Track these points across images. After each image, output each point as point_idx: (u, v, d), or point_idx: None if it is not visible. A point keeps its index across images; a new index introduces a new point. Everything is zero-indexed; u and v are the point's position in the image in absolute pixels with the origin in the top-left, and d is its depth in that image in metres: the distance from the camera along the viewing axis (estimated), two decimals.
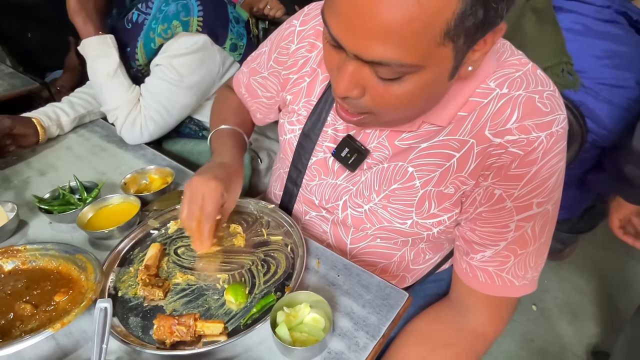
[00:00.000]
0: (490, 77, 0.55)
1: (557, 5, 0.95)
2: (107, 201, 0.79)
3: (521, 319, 1.54)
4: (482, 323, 0.63)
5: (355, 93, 0.48)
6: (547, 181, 0.53)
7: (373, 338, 0.57)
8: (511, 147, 0.52)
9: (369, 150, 0.64)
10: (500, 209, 0.55)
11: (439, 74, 0.45)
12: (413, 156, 0.60)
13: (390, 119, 0.55)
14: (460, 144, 0.56)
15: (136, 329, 0.58)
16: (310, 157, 0.72)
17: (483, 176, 0.56)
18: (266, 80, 0.79)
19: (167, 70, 0.97)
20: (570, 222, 1.37)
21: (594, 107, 0.91)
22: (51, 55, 1.79)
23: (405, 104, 0.48)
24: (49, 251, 0.68)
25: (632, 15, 0.91)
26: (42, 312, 0.60)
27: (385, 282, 0.65)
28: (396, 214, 0.63)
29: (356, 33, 0.41)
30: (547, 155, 0.52)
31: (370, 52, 0.42)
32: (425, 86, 0.46)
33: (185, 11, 0.94)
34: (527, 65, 0.56)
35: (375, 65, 0.44)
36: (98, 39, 0.95)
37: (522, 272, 0.58)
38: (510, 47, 0.58)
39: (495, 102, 0.54)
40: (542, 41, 0.92)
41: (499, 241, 0.57)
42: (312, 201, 0.74)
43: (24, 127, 0.94)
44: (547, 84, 0.55)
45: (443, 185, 0.59)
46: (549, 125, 0.52)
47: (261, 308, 0.59)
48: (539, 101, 0.52)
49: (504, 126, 0.53)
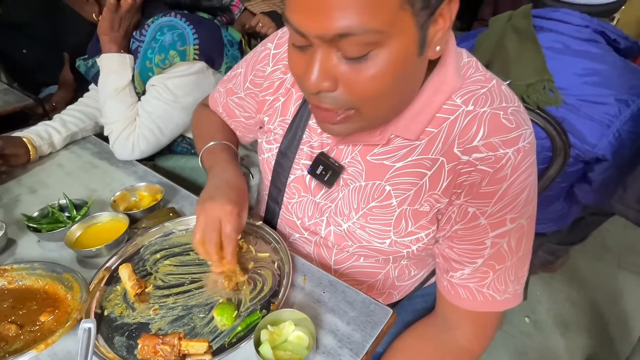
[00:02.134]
0: (456, 93, 0.55)
1: (538, 24, 0.98)
2: (96, 219, 0.80)
3: (514, 331, 1.54)
4: (467, 339, 0.63)
5: (327, 85, 0.46)
6: (518, 197, 0.54)
7: (356, 355, 0.57)
8: (480, 165, 0.53)
9: (343, 166, 0.65)
10: (474, 226, 0.56)
11: (405, 46, 0.44)
12: (390, 175, 0.61)
13: (374, 112, 0.51)
14: (431, 162, 0.57)
15: (121, 349, 0.58)
16: (289, 175, 0.72)
17: (455, 194, 0.57)
18: (243, 100, 0.80)
19: (162, 90, 0.99)
20: (560, 233, 1.38)
21: (575, 123, 0.93)
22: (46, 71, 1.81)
23: (382, 87, 0.46)
24: (36, 270, 0.68)
25: (609, 35, 0.93)
26: (27, 332, 0.60)
27: (370, 298, 0.65)
28: (374, 234, 0.64)
29: (316, 12, 0.42)
30: (516, 171, 0.53)
31: (332, 25, 0.41)
32: (395, 62, 0.45)
33: (182, 40, 0.96)
34: (492, 82, 0.56)
35: (341, 44, 0.43)
36: (119, 56, 0.99)
37: (502, 286, 0.59)
38: (475, 64, 0.59)
39: (462, 119, 0.55)
40: (523, 59, 0.94)
41: (476, 258, 0.58)
42: (294, 222, 0.75)
43: (15, 147, 0.95)
44: (511, 99, 0.56)
45: (418, 203, 0.60)
46: (516, 141, 0.53)
47: (246, 326, 0.60)
48: (503, 117, 0.53)
49: (471, 143, 0.54)
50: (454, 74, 0.54)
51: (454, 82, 0.55)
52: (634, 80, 0.91)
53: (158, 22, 0.98)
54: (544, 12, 0.98)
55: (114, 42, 0.99)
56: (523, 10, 0.99)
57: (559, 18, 0.96)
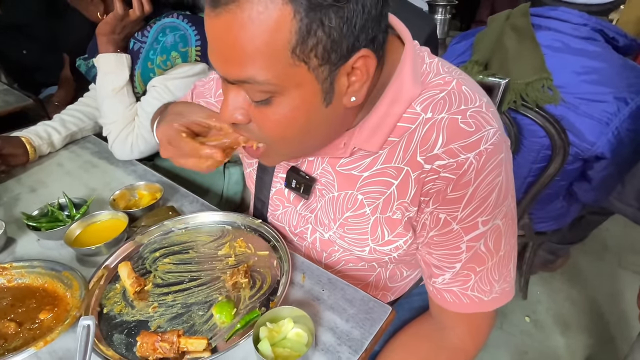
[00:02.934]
0: (416, 100, 0.54)
1: (536, 23, 0.98)
2: (96, 217, 0.80)
3: (514, 331, 1.54)
4: (460, 339, 0.63)
5: (239, 117, 0.50)
6: (487, 199, 0.53)
7: (355, 353, 0.57)
8: (443, 172, 0.53)
9: (314, 178, 0.65)
10: (448, 232, 0.56)
11: (307, 97, 0.46)
12: (360, 184, 0.61)
13: (287, 149, 0.56)
14: (396, 171, 0.57)
15: (120, 346, 0.58)
16: (270, 188, 0.74)
17: (424, 202, 0.56)
18: (211, 106, 0.78)
19: (163, 91, 0.99)
20: (560, 233, 1.38)
21: (574, 121, 0.93)
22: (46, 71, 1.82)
23: (287, 131, 0.50)
24: (35, 269, 0.68)
25: (608, 33, 0.93)
26: (27, 330, 0.60)
27: (369, 296, 0.65)
28: (353, 243, 0.65)
29: (218, 58, 0.46)
30: (481, 174, 0.52)
31: (230, 73, 0.46)
32: (297, 110, 0.47)
33: (183, 42, 0.96)
34: (452, 84, 0.55)
35: (244, 87, 0.47)
36: (115, 56, 0.99)
37: (487, 287, 0.59)
38: (436, 67, 0.57)
39: (421, 128, 0.54)
40: (522, 58, 0.94)
41: (454, 263, 0.58)
42: (283, 228, 0.76)
43: (13, 147, 0.95)
44: (472, 99, 0.54)
45: (390, 210, 0.59)
46: (476, 145, 0.51)
47: (245, 324, 0.60)
48: (461, 122, 0.52)
49: (432, 151, 0.53)
50: (411, 82, 0.53)
51: (412, 91, 0.54)
52: (633, 78, 0.91)
53: (160, 23, 0.98)
54: (542, 11, 0.99)
55: (111, 43, 1.00)
56: (521, 9, 0.99)
57: (557, 16, 0.96)
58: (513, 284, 0.62)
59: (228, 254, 0.73)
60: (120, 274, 0.67)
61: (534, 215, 1.28)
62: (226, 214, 0.81)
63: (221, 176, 1.14)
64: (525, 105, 0.97)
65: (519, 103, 0.97)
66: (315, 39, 0.42)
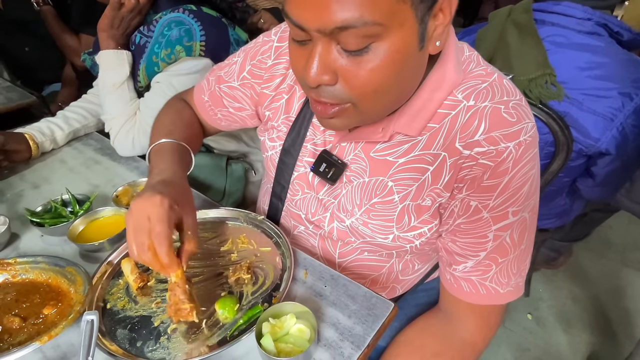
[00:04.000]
0: (457, 88, 0.56)
1: (539, 18, 0.97)
2: (99, 214, 0.80)
3: (517, 328, 1.53)
4: (470, 332, 0.63)
5: (327, 78, 0.47)
6: (520, 189, 0.54)
7: (358, 348, 0.57)
8: (481, 159, 0.53)
9: (346, 163, 0.65)
10: (477, 220, 0.56)
11: (405, 39, 0.44)
12: (393, 171, 0.61)
13: (371, 107, 0.51)
14: (433, 157, 0.57)
15: (123, 342, 0.58)
16: (293, 172, 0.72)
17: (457, 188, 0.57)
18: (235, 90, 0.76)
19: (167, 88, 0.99)
20: (563, 230, 1.38)
21: (578, 117, 0.92)
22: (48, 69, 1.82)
23: (382, 81, 0.46)
24: (39, 264, 0.68)
25: (612, 27, 0.93)
26: (31, 325, 0.60)
27: (371, 292, 0.65)
28: (377, 230, 0.64)
29: (314, 6, 0.42)
30: (518, 164, 0.53)
31: (331, 18, 0.42)
32: (395, 54, 0.45)
33: (188, 36, 0.96)
34: (493, 76, 0.56)
35: (341, 36, 0.43)
36: (115, 53, 1.00)
37: (505, 279, 0.59)
38: (477, 58, 0.59)
39: (463, 114, 0.55)
40: (525, 54, 0.94)
41: (479, 251, 0.58)
42: (299, 215, 0.75)
43: (16, 143, 0.95)
44: (513, 93, 0.56)
45: (420, 198, 0.60)
46: (517, 135, 0.53)
47: (248, 319, 0.60)
48: (504, 111, 0.53)
49: (473, 138, 0.54)
50: (454, 69, 0.54)
51: (455, 78, 0.55)
52: (638, 73, 0.90)
53: (166, 18, 0.98)
54: (545, 6, 0.98)
55: (112, 39, 1.00)
56: (523, 5, 0.98)
57: (560, 11, 0.95)
58: (524, 280, 0.62)
59: (230, 250, 0.73)
60: (124, 270, 0.67)
61: None
62: (228, 210, 0.81)
63: (223, 172, 1.14)
64: (528, 102, 0.96)
65: None
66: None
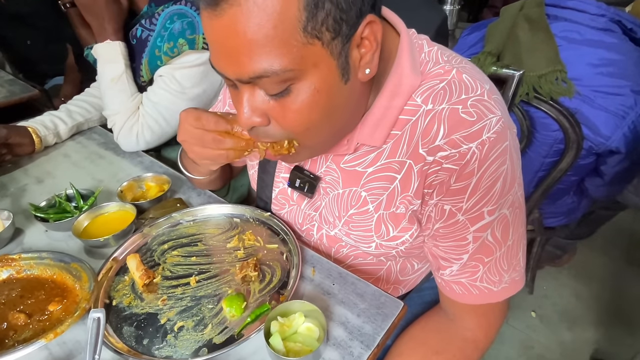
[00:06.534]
0: (416, 91, 0.54)
1: (552, 13, 0.95)
2: (103, 209, 0.79)
3: (520, 325, 1.53)
4: (470, 330, 0.63)
5: (258, 120, 0.48)
6: (492, 188, 0.52)
7: (367, 348, 0.56)
8: (446, 163, 0.52)
9: (319, 176, 0.65)
10: (453, 223, 0.55)
11: (323, 77, 0.45)
12: (364, 181, 0.60)
13: (313, 141, 0.52)
14: (399, 165, 0.56)
15: (129, 339, 0.58)
16: (273, 189, 0.73)
17: (428, 194, 0.56)
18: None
19: (170, 81, 0.98)
20: (568, 228, 1.37)
21: (589, 115, 0.91)
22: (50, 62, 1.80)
23: (310, 119, 0.48)
24: (44, 260, 0.68)
25: (626, 24, 0.91)
26: (36, 321, 0.59)
27: (380, 290, 0.64)
28: (359, 240, 0.64)
29: (227, 60, 0.44)
30: (484, 163, 0.51)
31: (245, 70, 0.43)
32: (318, 92, 0.45)
33: (191, 29, 0.94)
34: (451, 73, 0.54)
35: (259, 83, 0.45)
36: (108, 44, 0.97)
37: (496, 277, 0.58)
38: (435, 55, 0.56)
39: (423, 119, 0.53)
40: (536, 50, 0.92)
41: (461, 254, 0.57)
42: (291, 224, 0.76)
43: (20, 137, 0.94)
44: (473, 88, 0.53)
45: (393, 206, 0.59)
46: (478, 135, 0.50)
47: (256, 317, 0.59)
48: (462, 112, 0.51)
49: (434, 143, 0.52)
50: (411, 72, 0.53)
51: (412, 81, 0.53)
52: None
53: (168, 10, 0.96)
54: (558, 1, 0.96)
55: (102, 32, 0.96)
56: None
57: (574, 7, 0.94)
58: (523, 273, 0.61)
59: (237, 247, 0.72)
60: (129, 266, 0.66)
61: (543, 210, 1.27)
62: (234, 206, 0.80)
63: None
64: (538, 98, 0.95)
65: (531, 95, 0.95)
66: (324, 12, 0.41)
